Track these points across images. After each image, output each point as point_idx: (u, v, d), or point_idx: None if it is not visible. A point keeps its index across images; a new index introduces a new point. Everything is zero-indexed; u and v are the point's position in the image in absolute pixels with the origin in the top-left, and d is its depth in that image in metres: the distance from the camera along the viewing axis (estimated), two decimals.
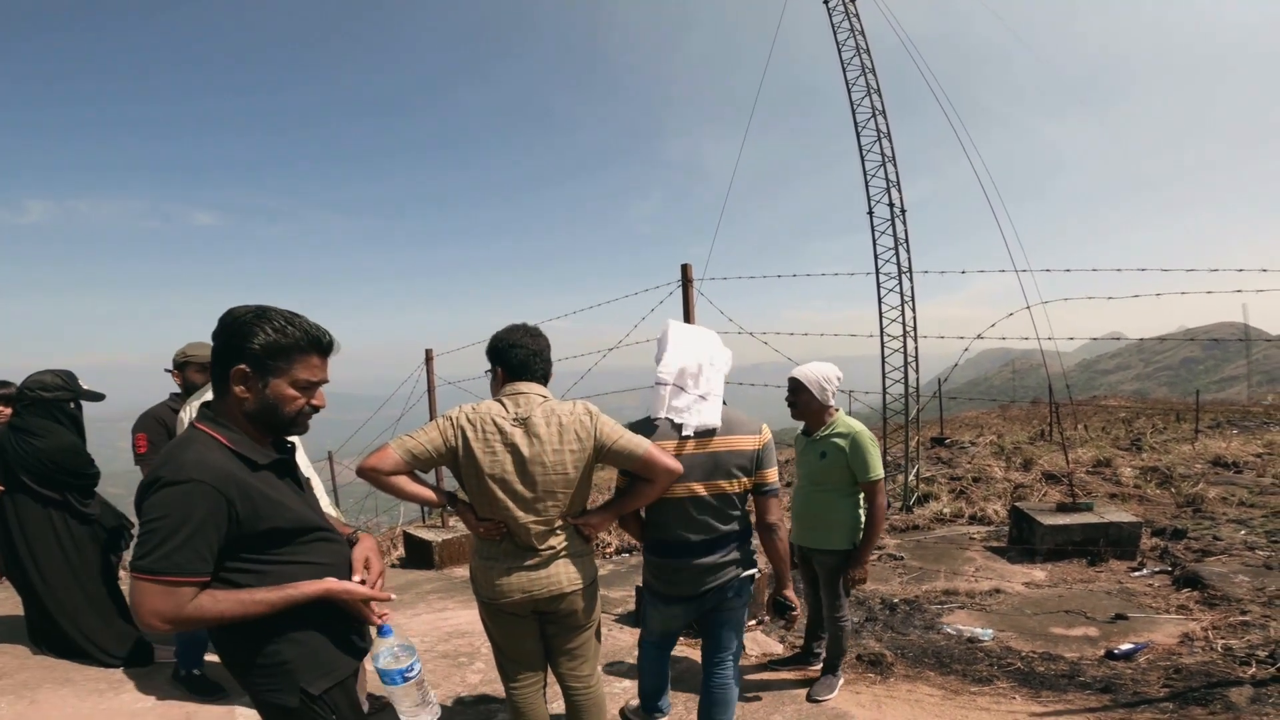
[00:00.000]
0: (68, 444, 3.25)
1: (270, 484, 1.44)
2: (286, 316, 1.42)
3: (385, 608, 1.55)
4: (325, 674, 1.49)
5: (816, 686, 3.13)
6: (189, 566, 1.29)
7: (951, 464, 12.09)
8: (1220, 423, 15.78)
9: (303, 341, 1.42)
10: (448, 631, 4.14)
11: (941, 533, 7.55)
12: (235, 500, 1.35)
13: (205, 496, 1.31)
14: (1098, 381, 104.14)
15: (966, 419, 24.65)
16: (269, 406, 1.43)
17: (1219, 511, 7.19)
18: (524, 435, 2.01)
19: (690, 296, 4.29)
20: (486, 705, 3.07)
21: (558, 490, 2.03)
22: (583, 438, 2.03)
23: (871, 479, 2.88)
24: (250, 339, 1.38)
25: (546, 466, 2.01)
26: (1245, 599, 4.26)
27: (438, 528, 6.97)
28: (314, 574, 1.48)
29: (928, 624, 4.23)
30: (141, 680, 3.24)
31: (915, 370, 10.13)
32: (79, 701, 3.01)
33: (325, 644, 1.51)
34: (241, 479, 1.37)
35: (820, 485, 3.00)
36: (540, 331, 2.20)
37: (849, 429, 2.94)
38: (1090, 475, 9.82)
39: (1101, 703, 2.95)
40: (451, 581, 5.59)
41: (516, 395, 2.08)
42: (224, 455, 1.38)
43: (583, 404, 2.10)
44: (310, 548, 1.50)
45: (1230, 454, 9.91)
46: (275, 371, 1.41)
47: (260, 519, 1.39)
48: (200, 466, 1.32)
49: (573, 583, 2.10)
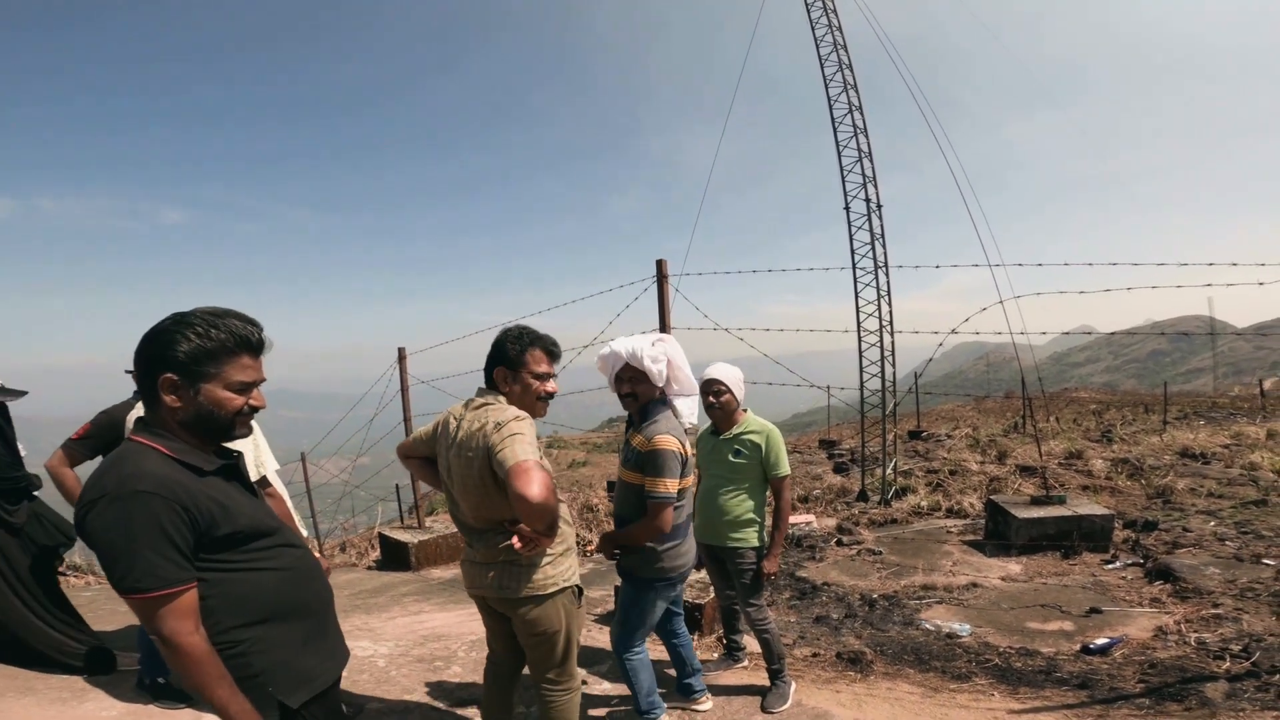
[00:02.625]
0: None
1: (219, 489, 1.38)
2: (210, 320, 1.35)
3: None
4: (301, 685, 1.42)
5: (769, 698, 3.00)
6: (169, 575, 1.24)
7: (928, 457, 12.21)
8: (1187, 414, 16.15)
9: (230, 343, 1.36)
10: (424, 635, 4.06)
11: (919, 526, 7.61)
12: (189, 505, 1.28)
13: (155, 504, 1.25)
14: (1068, 374, 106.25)
15: (942, 412, 24.98)
16: (205, 413, 1.37)
17: (1188, 503, 7.33)
18: (452, 436, 2.12)
19: (665, 292, 4.25)
20: (464, 709, 3.01)
21: (468, 492, 2.07)
22: (478, 445, 1.99)
23: (783, 474, 2.96)
24: (174, 347, 1.31)
25: (459, 467, 2.07)
26: (1217, 591, 4.32)
27: (414, 529, 6.87)
28: (278, 580, 1.43)
29: (906, 620, 4.24)
30: (106, 688, 3.14)
31: (892, 364, 10.20)
32: (41, 710, 2.91)
33: (301, 651, 1.44)
34: (189, 486, 1.31)
35: (732, 483, 3.00)
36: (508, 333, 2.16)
37: (762, 427, 3.00)
38: (1063, 467, 9.97)
39: (1079, 699, 2.96)
40: (428, 583, 5.51)
41: (474, 398, 2.16)
42: (167, 464, 1.32)
43: (507, 412, 2.01)
44: (272, 553, 1.44)
45: (1198, 445, 10.12)
46: (206, 377, 1.35)
47: (216, 524, 1.33)
48: (141, 477, 1.26)
49: (510, 590, 2.08)
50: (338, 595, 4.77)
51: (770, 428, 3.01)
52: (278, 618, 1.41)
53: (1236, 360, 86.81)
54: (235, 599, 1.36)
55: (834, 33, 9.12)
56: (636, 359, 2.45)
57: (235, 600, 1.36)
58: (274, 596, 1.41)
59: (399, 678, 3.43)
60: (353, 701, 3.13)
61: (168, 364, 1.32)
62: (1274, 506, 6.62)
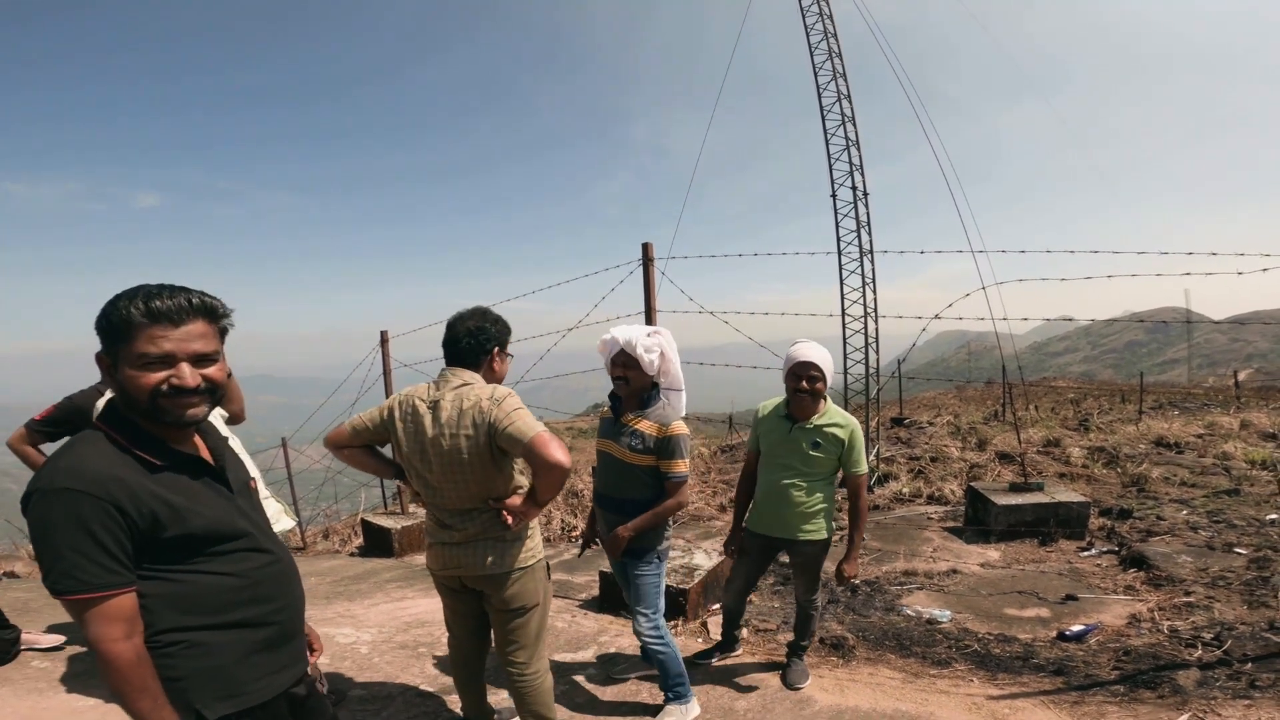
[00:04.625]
0: None
1: (174, 486, 1.28)
2: (132, 292, 1.24)
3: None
4: (226, 697, 1.32)
5: (794, 673, 3.10)
6: (91, 579, 1.16)
7: (910, 444, 12.34)
8: (1162, 404, 16.45)
9: (136, 314, 1.22)
10: (407, 621, 4.05)
11: (901, 513, 7.70)
12: (124, 505, 1.20)
13: (84, 503, 1.17)
14: (1047, 363, 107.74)
15: (925, 399, 25.25)
16: (125, 395, 1.26)
17: (1162, 491, 7.46)
18: (430, 417, 2.10)
19: (651, 276, 4.22)
20: (447, 696, 3.00)
21: (455, 472, 2.09)
22: (478, 422, 2.04)
23: (862, 472, 2.88)
24: (98, 325, 1.24)
25: (443, 449, 2.07)
26: (1189, 579, 4.41)
27: (397, 514, 6.83)
28: (231, 586, 1.33)
29: (888, 605, 4.30)
30: (83, 680, 3.09)
31: (876, 351, 10.26)
32: (18, 701, 2.89)
33: (238, 663, 1.34)
34: (131, 481, 1.22)
35: (804, 475, 2.89)
36: (482, 314, 2.23)
37: (846, 420, 2.87)
38: (1041, 455, 10.12)
39: (1055, 685, 3.01)
40: (411, 569, 5.48)
41: (443, 377, 2.17)
42: (116, 457, 1.24)
43: (497, 390, 2.10)
44: (233, 558, 1.34)
45: (1172, 435, 10.31)
46: (121, 355, 1.24)
47: (161, 525, 1.24)
48: (73, 473, 1.19)
49: (491, 566, 2.15)
50: (320, 582, 4.68)
51: (853, 421, 2.88)
52: (221, 625, 1.32)
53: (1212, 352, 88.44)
54: (176, 599, 1.28)
55: (824, 20, 9.05)
56: (631, 346, 2.55)
57: (176, 600, 1.28)
58: (221, 603, 1.32)
59: (382, 664, 3.41)
60: (336, 688, 3.12)
61: (103, 342, 1.25)
62: (1246, 496, 6.76)
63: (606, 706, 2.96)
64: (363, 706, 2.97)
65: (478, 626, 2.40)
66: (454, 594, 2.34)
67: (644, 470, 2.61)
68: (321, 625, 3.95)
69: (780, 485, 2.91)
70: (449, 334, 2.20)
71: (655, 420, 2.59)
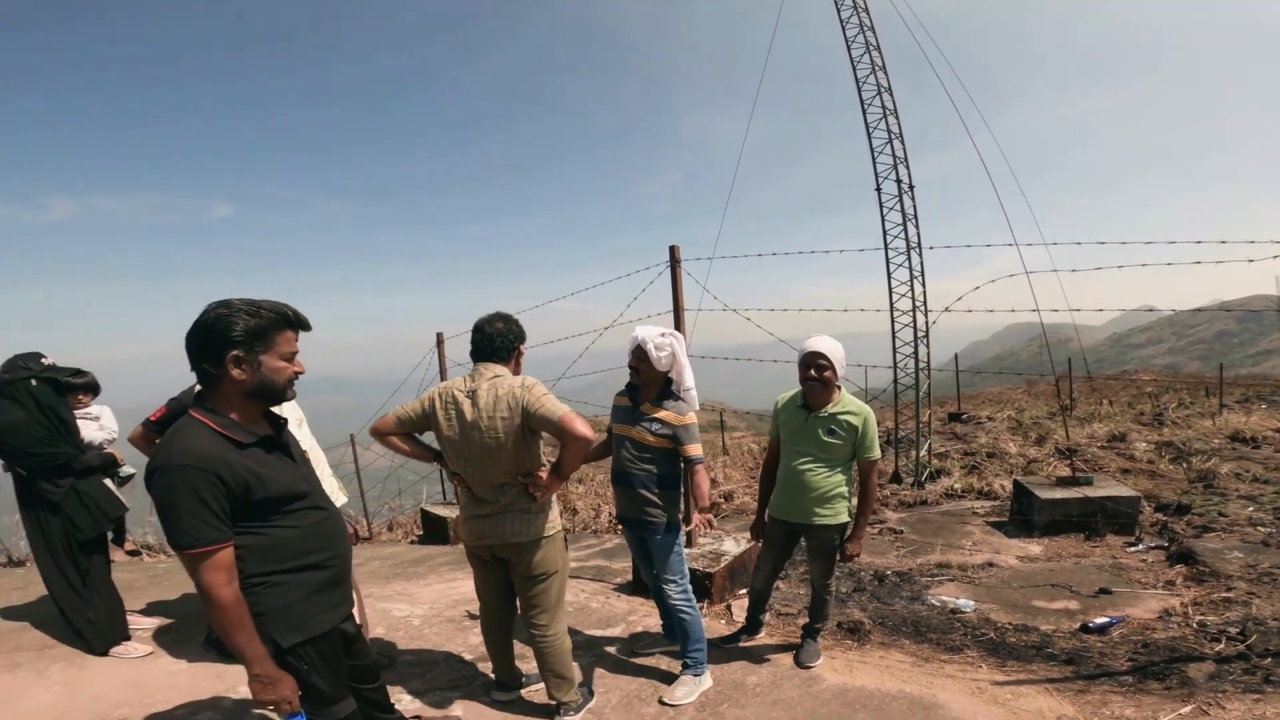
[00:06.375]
0: (12, 421, 3.21)
1: (257, 460, 1.65)
2: (253, 304, 1.63)
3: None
4: (296, 629, 1.69)
5: (806, 653, 3.27)
6: (205, 536, 1.52)
7: (966, 440, 12.09)
8: (1249, 397, 15.47)
9: (278, 320, 1.66)
10: (456, 600, 4.40)
11: (946, 508, 7.64)
12: (225, 476, 1.55)
13: (195, 476, 1.52)
14: (1128, 355, 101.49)
15: (991, 395, 24.39)
16: (266, 381, 1.66)
17: (1230, 488, 7.15)
18: (470, 404, 2.43)
19: (678, 278, 4.42)
20: (482, 664, 3.30)
21: (492, 451, 2.42)
22: (512, 406, 2.38)
23: (874, 458, 3.06)
24: (232, 329, 1.59)
25: (483, 430, 2.40)
26: (1234, 575, 4.31)
27: (454, 505, 7.26)
28: (303, 538, 1.70)
29: (914, 595, 4.37)
30: (176, 647, 3.52)
31: (926, 345, 10.13)
32: (123, 667, 3.29)
33: (304, 601, 1.71)
34: (228, 458, 1.57)
35: (821, 461, 3.07)
36: (504, 318, 2.57)
37: (859, 408, 3.04)
38: (1104, 450, 9.78)
39: (1063, 674, 3.07)
40: (463, 556, 5.85)
41: (476, 371, 2.50)
42: (212, 439, 1.59)
43: (526, 379, 2.45)
44: (298, 515, 1.72)
45: (1249, 429, 9.77)
46: (263, 350, 1.64)
47: (250, 491, 1.60)
48: (187, 452, 1.54)
49: (519, 535, 2.49)
50: (381, 566, 5.14)
51: (866, 410, 3.06)
52: (294, 569, 1.69)
53: None
54: (261, 549, 1.64)
55: (859, 14, 8.98)
56: (645, 344, 2.86)
57: (261, 550, 1.64)
58: (293, 551, 1.69)
59: (430, 635, 3.76)
60: (388, 654, 3.47)
61: (231, 344, 1.59)
62: None
63: (631, 669, 3.26)
64: (411, 670, 3.31)
65: (506, 595, 2.75)
66: (484, 564, 2.68)
67: (659, 451, 2.91)
68: (380, 601, 4.35)
69: (797, 470, 3.10)
70: (481, 336, 2.54)
71: (673, 411, 2.89)
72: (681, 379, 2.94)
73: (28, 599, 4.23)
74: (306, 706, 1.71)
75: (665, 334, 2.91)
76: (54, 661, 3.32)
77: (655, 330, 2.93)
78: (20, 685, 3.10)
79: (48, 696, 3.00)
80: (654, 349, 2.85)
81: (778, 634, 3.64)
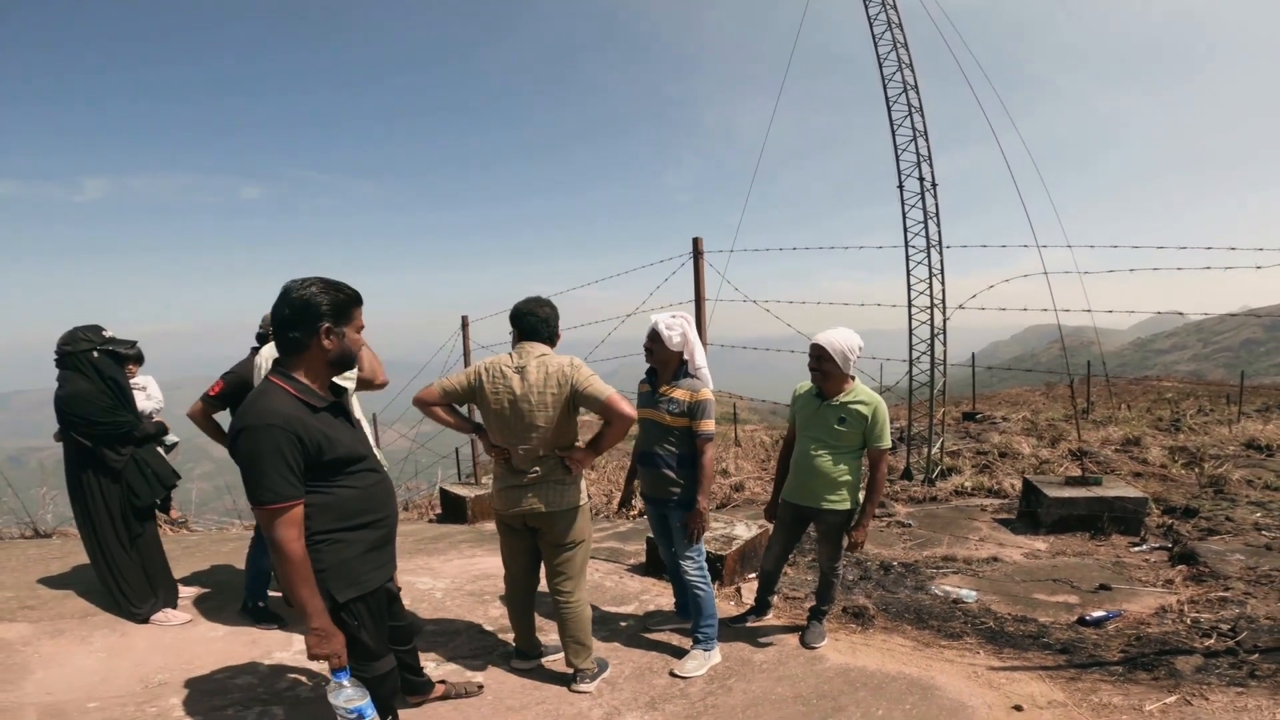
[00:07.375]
0: (77, 391, 3.31)
1: (327, 423, 1.83)
2: (332, 283, 1.83)
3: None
4: (352, 584, 1.87)
5: (810, 634, 3.44)
6: (284, 492, 1.70)
7: (979, 439, 12.13)
8: (1269, 406, 15.32)
9: (355, 297, 1.89)
10: (475, 574, 4.60)
11: (956, 504, 7.75)
12: (303, 436, 1.74)
13: (279, 435, 1.70)
14: (1152, 360, 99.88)
15: (1008, 396, 24.24)
16: (346, 351, 1.87)
17: (1241, 493, 7.19)
18: (519, 379, 2.60)
19: (700, 268, 4.57)
20: (503, 635, 3.50)
21: (539, 424, 2.61)
22: (561, 383, 2.58)
23: (884, 447, 3.18)
24: (323, 304, 1.79)
25: (532, 404, 2.59)
26: (1233, 576, 4.40)
27: (471, 484, 7.48)
28: (362, 498, 1.89)
29: (917, 585, 4.51)
30: (214, 613, 3.72)
31: (943, 343, 10.19)
32: (163, 633, 3.46)
33: (359, 558, 1.89)
34: (305, 420, 1.76)
35: (833, 448, 3.20)
36: (547, 303, 2.77)
37: (870, 398, 3.17)
38: (1117, 453, 9.81)
39: (1056, 662, 3.20)
40: (481, 534, 6.07)
41: (522, 349, 2.68)
42: (291, 402, 1.77)
43: (573, 359, 2.65)
44: (359, 476, 1.90)
45: (1265, 437, 9.76)
46: (346, 323, 1.86)
47: (322, 451, 1.78)
48: (273, 413, 1.72)
49: (552, 505, 2.67)
50: (403, 541, 5.39)
51: (878, 399, 3.17)
52: (354, 527, 1.87)
53: None
54: (326, 507, 1.82)
55: (887, 11, 8.98)
56: (655, 324, 3.07)
57: (324, 509, 1.82)
58: (353, 509, 1.87)
59: (452, 607, 3.96)
60: (412, 624, 3.67)
61: (324, 317, 1.79)
62: None
63: (644, 643, 3.44)
64: (434, 639, 3.51)
65: (530, 563, 2.93)
66: (514, 533, 2.85)
67: (679, 430, 3.08)
68: (404, 574, 4.56)
69: (809, 456, 3.25)
70: (535, 318, 2.72)
71: (687, 389, 3.06)
72: (694, 357, 3.11)
73: (65, 569, 4.34)
74: (352, 662, 1.85)
75: (676, 315, 3.12)
76: (96, 628, 3.44)
77: (666, 314, 3.15)
78: (64, 650, 3.20)
79: (91, 661, 3.11)
80: (665, 329, 3.04)
81: (785, 616, 3.80)
